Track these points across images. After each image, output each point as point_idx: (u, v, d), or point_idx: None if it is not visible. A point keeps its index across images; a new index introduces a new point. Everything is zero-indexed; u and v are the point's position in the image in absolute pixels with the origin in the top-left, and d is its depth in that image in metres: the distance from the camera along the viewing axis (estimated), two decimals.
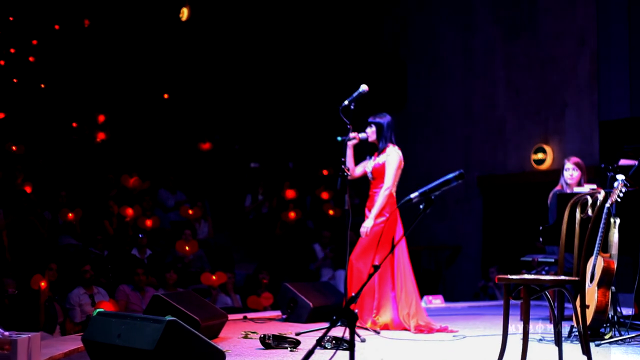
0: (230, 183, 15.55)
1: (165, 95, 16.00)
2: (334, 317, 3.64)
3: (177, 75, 16.04)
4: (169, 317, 4.63)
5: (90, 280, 11.00)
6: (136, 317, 5.01)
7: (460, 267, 15.52)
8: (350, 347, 3.46)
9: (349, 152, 7.88)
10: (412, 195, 3.91)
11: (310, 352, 3.33)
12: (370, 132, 8.00)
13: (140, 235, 12.72)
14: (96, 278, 11.24)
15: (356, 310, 3.66)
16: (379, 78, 15.25)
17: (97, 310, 5.24)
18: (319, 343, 3.52)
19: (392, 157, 7.95)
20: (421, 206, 3.76)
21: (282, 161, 16.41)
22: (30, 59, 15.47)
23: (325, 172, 16.16)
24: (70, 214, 12.49)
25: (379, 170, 7.98)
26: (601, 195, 5.79)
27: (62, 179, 13.74)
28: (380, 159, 8.00)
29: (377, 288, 7.92)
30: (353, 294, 3.56)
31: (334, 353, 4.18)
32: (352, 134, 7.73)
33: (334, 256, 13.90)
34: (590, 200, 5.85)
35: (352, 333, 3.52)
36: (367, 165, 8.07)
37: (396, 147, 8.01)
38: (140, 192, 14.12)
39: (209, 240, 13.96)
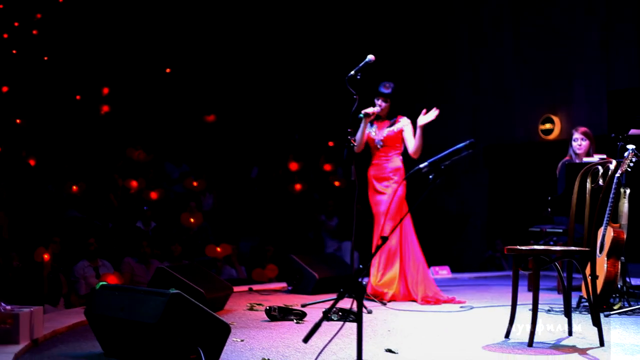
0: (236, 155, 15.46)
1: (168, 70, 15.89)
2: (342, 290, 3.57)
3: (182, 47, 15.92)
4: (172, 290, 4.55)
5: (95, 253, 10.96)
6: (140, 290, 4.94)
7: (467, 238, 15.46)
8: (358, 320, 3.39)
9: (364, 126, 7.98)
10: (422, 165, 3.83)
11: (317, 326, 3.26)
12: (385, 105, 8.03)
13: (145, 208, 12.68)
14: (101, 250, 11.21)
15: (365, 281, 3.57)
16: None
17: (100, 283, 5.17)
18: (326, 316, 3.45)
19: (410, 126, 8.07)
20: (430, 176, 3.67)
21: (288, 133, 16.31)
22: (34, 32, 15.36)
23: (331, 144, 16.07)
24: (74, 187, 12.43)
25: (393, 138, 8.05)
26: (612, 165, 5.70)
27: (66, 152, 13.67)
28: (395, 127, 8.06)
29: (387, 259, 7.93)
30: (360, 266, 3.48)
31: (342, 325, 4.10)
32: (372, 109, 7.91)
33: (341, 228, 13.84)
34: (601, 170, 5.76)
35: (360, 305, 3.44)
36: (376, 134, 8.08)
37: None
38: (145, 165, 14.05)
39: (214, 211, 13.91)
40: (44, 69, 14.93)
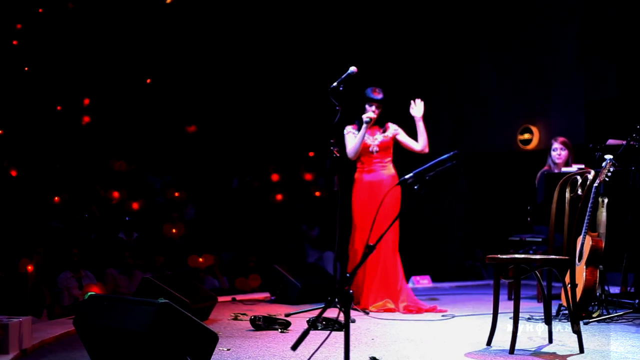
0: (217, 165, 15.49)
1: (148, 80, 15.91)
2: (329, 298, 3.64)
3: (163, 58, 15.94)
4: (161, 300, 4.62)
5: (78, 264, 10.98)
6: (128, 300, 5.01)
7: (447, 247, 15.55)
8: (346, 329, 3.47)
9: (365, 132, 8.11)
10: (407, 177, 3.90)
11: (305, 333, 3.34)
12: (378, 111, 8.19)
13: (127, 218, 12.70)
14: (84, 261, 11.22)
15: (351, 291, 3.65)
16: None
17: (89, 293, 5.23)
18: (313, 326, 3.53)
19: (401, 130, 8.34)
20: (415, 187, 3.76)
21: (269, 143, 16.36)
22: (14, 42, 15.34)
23: (311, 154, 16.12)
24: (56, 198, 12.44)
25: (386, 144, 8.23)
26: (591, 175, 5.81)
27: (48, 163, 13.67)
28: (388, 133, 8.25)
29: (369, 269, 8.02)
30: (347, 274, 3.56)
31: (329, 334, 4.18)
32: (372, 115, 8.08)
33: (322, 238, 13.90)
34: (579, 180, 5.87)
35: (348, 314, 3.52)
36: (370, 139, 8.22)
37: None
38: (126, 175, 14.07)
39: (196, 222, 13.94)
40: (24, 80, 14.92)
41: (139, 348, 4.66)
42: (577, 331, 5.63)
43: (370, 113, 8.10)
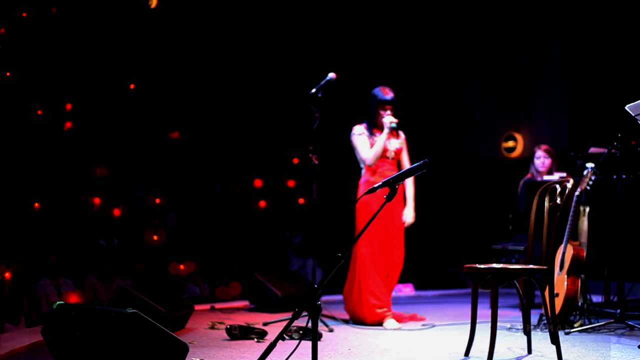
0: (200, 172, 15.41)
1: (132, 86, 15.82)
2: (297, 309, 3.56)
3: (145, 64, 15.86)
4: (129, 310, 4.53)
5: (57, 271, 10.87)
6: (97, 310, 4.91)
7: (431, 255, 15.48)
8: (314, 339, 3.38)
9: (386, 138, 7.69)
10: (376, 186, 3.87)
11: (272, 346, 3.26)
12: (393, 113, 7.78)
13: (108, 225, 12.60)
14: (63, 268, 11.11)
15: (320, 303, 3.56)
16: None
17: (57, 302, 5.13)
18: (281, 337, 3.45)
19: (405, 144, 7.97)
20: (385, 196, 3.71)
21: (253, 149, 16.29)
22: None
23: (295, 161, 16.05)
24: (36, 204, 12.33)
25: (400, 151, 7.86)
26: (570, 184, 5.74)
27: (28, 169, 13.55)
28: (401, 140, 7.91)
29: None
30: (315, 286, 3.47)
31: (297, 344, 4.10)
32: (395, 120, 7.62)
33: (305, 245, 13.83)
34: (559, 188, 5.80)
35: (315, 325, 3.44)
36: (388, 144, 7.76)
37: None
38: (108, 181, 13.97)
39: (177, 229, 13.84)
40: (6, 85, 14.81)
41: (106, 358, 4.56)
42: (555, 342, 5.55)
43: (391, 117, 7.63)
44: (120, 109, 15.35)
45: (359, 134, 7.75)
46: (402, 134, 7.90)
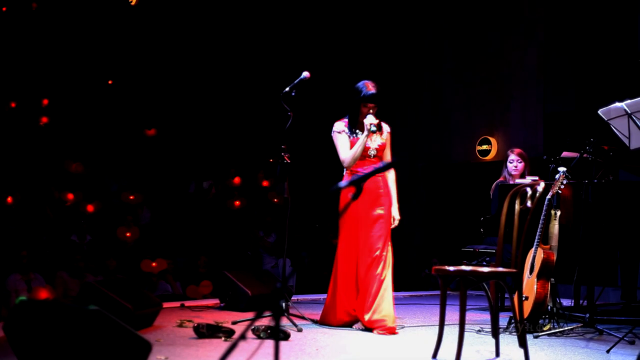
0: (175, 169, 15.36)
1: (110, 82, 15.75)
2: (259, 309, 3.53)
3: (122, 60, 15.80)
4: (91, 307, 4.48)
5: (27, 266, 10.80)
6: (60, 306, 4.85)
7: (404, 256, 15.48)
8: (275, 338, 3.35)
9: (366, 140, 7.25)
10: (341, 184, 3.84)
11: (233, 346, 3.22)
12: (375, 111, 7.35)
13: (82, 221, 12.53)
14: (34, 263, 11.05)
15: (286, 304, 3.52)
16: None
17: (20, 298, 5.07)
18: (243, 336, 3.41)
19: (388, 137, 7.52)
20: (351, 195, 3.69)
21: (228, 148, 16.25)
22: None
23: (271, 160, 16.02)
24: (9, 198, 12.25)
25: (383, 147, 7.41)
26: (540, 187, 5.74)
27: (1, 162, 13.47)
28: (384, 135, 7.45)
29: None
30: (278, 285, 3.44)
31: (260, 344, 4.06)
32: (375, 121, 7.20)
33: (278, 244, 13.79)
34: (530, 192, 5.80)
35: (277, 325, 3.41)
36: (369, 142, 7.31)
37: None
38: (82, 177, 13.89)
39: (151, 226, 13.79)
40: None
41: (69, 356, 4.51)
42: (523, 345, 5.55)
43: (372, 118, 7.20)
44: (97, 105, 15.29)
45: (338, 131, 7.38)
46: (386, 128, 7.50)
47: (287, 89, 7.26)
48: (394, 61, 16.05)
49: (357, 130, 7.32)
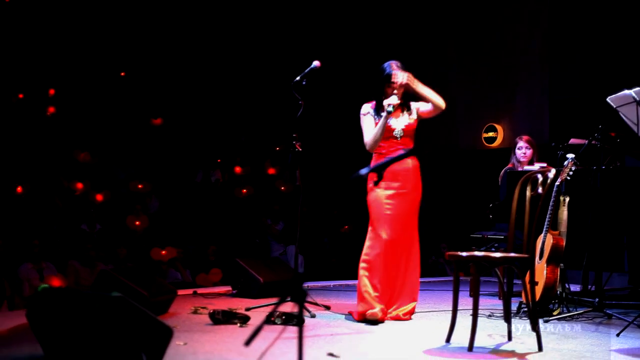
0: (183, 158, 15.43)
1: (122, 74, 15.81)
2: (285, 294, 3.61)
3: (130, 50, 15.84)
4: (115, 293, 4.56)
5: (39, 255, 10.89)
6: (82, 293, 4.94)
7: None
8: (299, 324, 3.43)
9: (385, 121, 7.06)
10: (362, 172, 3.89)
11: (259, 329, 3.30)
12: (400, 91, 7.17)
13: (91, 210, 12.61)
14: (45, 252, 11.14)
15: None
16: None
17: (42, 285, 5.16)
18: (268, 320, 3.50)
19: (418, 103, 7.34)
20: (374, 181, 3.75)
21: (235, 135, 16.31)
22: None
23: (277, 149, 16.09)
24: (19, 188, 12.33)
25: (412, 127, 7.27)
26: (551, 174, 5.81)
27: (11, 153, 13.54)
28: (414, 115, 7.29)
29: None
30: (300, 271, 3.52)
31: (283, 329, 4.15)
32: (395, 101, 7.06)
33: (286, 232, 13.88)
34: (540, 178, 5.87)
35: (301, 310, 3.49)
36: (393, 123, 7.15)
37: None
38: (91, 166, 13.97)
39: (160, 214, 13.87)
40: None
41: (92, 342, 4.60)
42: (535, 329, 5.63)
43: (393, 98, 7.04)
44: (104, 95, 15.34)
45: (364, 113, 7.23)
46: (413, 105, 7.33)
47: (298, 78, 7.32)
48: (400, 50, 16.07)
49: (383, 112, 7.09)
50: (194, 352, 5.36)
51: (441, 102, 7.35)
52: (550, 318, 6.99)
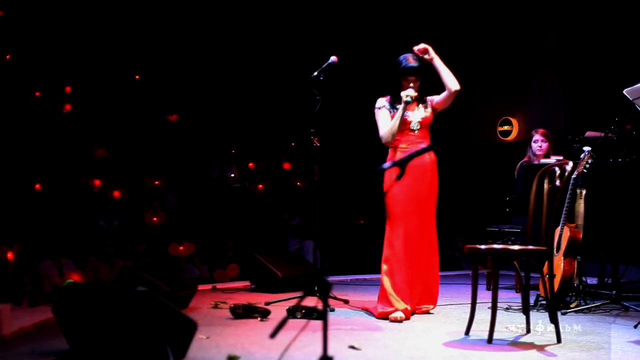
0: (199, 154, 15.49)
1: (137, 77, 15.87)
2: (311, 287, 3.66)
3: (145, 48, 15.89)
4: (140, 288, 4.63)
5: (59, 252, 10.97)
6: (107, 288, 5.02)
7: None
8: (324, 317, 3.49)
9: (403, 113, 7.01)
10: (385, 166, 3.95)
11: (284, 321, 3.37)
12: (417, 83, 7.22)
13: (109, 207, 12.69)
14: (64, 249, 11.22)
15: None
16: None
17: (68, 280, 5.23)
18: (292, 313, 3.56)
19: (433, 96, 7.35)
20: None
21: (250, 130, 16.36)
22: None
23: (293, 144, 16.12)
24: (37, 185, 12.42)
25: (429, 120, 7.25)
26: (569, 166, 5.86)
27: (29, 151, 13.63)
28: (430, 108, 7.28)
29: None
30: (326, 264, 3.58)
31: (307, 323, 4.21)
32: (413, 93, 7.07)
33: (302, 227, 13.93)
34: (558, 171, 5.91)
35: (326, 303, 3.55)
36: (410, 116, 7.10)
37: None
38: (108, 163, 14.05)
39: (177, 210, 13.94)
40: (6, 68, 14.84)
41: (117, 336, 4.67)
42: (554, 321, 5.68)
43: (410, 90, 7.02)
44: (120, 92, 15.40)
45: (379, 107, 7.14)
46: (430, 100, 7.36)
47: (316, 73, 7.39)
48: (414, 42, 16.10)
49: (398, 105, 7.05)
50: (217, 346, 5.43)
51: (455, 83, 7.40)
52: (568, 310, 7.04)
